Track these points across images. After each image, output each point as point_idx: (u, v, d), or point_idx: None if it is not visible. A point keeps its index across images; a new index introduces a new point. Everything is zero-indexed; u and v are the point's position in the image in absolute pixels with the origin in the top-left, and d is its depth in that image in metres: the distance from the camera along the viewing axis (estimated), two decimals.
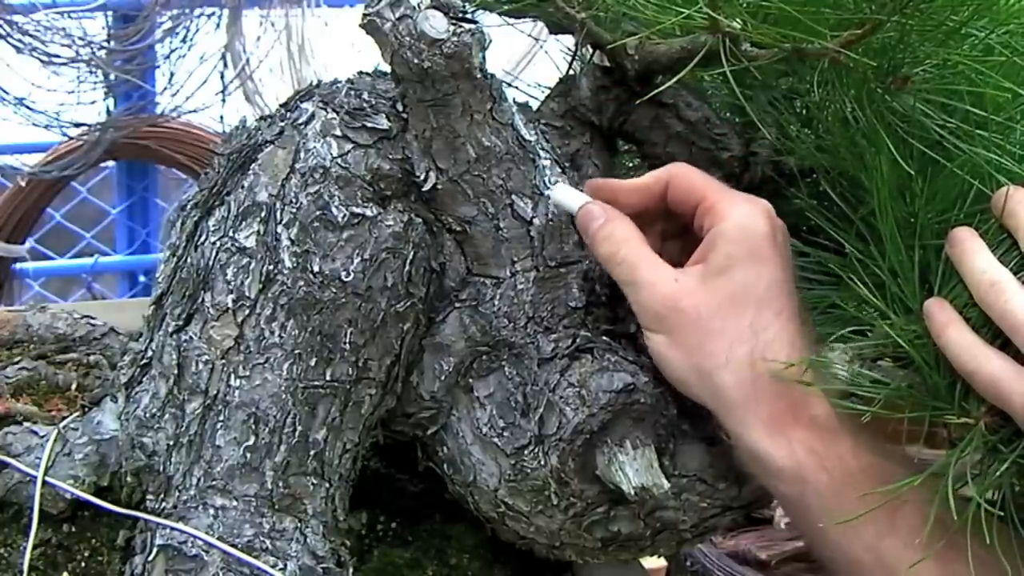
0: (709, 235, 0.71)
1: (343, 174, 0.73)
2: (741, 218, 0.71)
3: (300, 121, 0.74)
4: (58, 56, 2.00)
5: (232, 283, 0.72)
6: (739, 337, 0.69)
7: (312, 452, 0.73)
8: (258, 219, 0.73)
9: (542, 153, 0.77)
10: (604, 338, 0.75)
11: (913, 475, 0.65)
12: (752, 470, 0.72)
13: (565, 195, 0.75)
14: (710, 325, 0.69)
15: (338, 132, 0.74)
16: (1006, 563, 0.63)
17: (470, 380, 0.76)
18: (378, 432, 0.78)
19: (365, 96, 0.75)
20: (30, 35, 1.96)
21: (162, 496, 0.74)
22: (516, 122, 0.76)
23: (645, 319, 0.72)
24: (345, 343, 0.73)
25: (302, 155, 0.73)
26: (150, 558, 0.71)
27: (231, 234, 0.73)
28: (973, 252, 0.66)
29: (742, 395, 0.69)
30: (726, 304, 0.69)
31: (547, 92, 0.84)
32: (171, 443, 0.74)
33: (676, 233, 0.76)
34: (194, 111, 2.21)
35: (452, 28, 0.70)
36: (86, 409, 0.80)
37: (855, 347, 0.68)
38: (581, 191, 0.76)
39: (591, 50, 0.82)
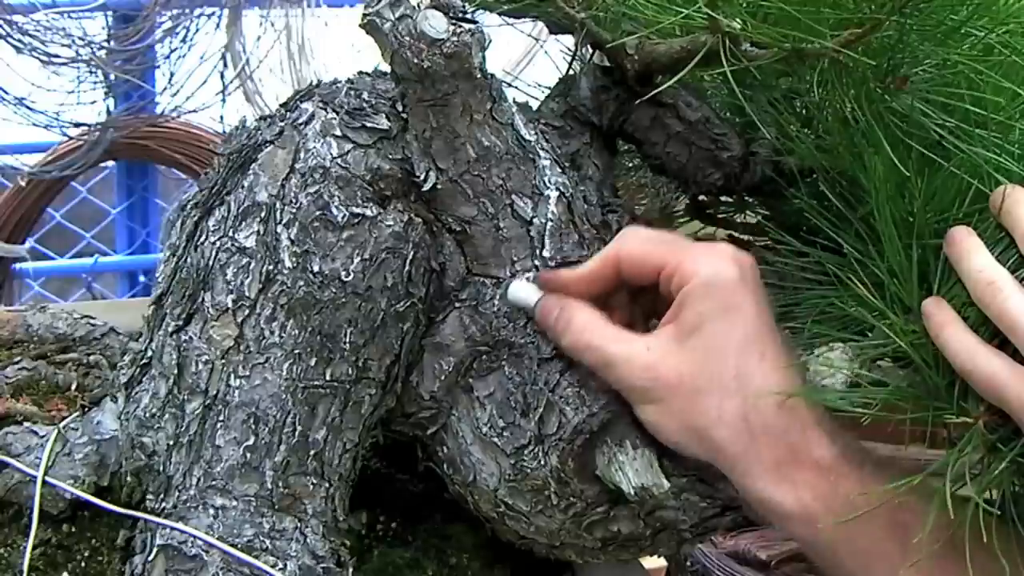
0: (679, 297, 0.70)
1: (343, 174, 0.73)
2: (707, 273, 0.69)
3: (300, 121, 0.74)
4: (58, 56, 2.00)
5: (232, 283, 0.72)
6: (726, 391, 0.68)
7: (312, 452, 0.73)
8: (258, 219, 0.73)
9: (542, 153, 0.77)
10: None
11: (921, 496, 0.64)
12: (762, 515, 0.71)
13: (521, 291, 0.74)
14: (694, 385, 0.69)
15: (338, 132, 0.74)
16: (1005, 563, 0.63)
17: (470, 380, 0.76)
18: (378, 432, 0.78)
19: (365, 96, 0.75)
20: (30, 35, 1.96)
21: (162, 496, 0.74)
22: (516, 122, 0.76)
23: (630, 396, 0.71)
24: (345, 343, 0.73)
25: (302, 155, 0.73)
26: (150, 558, 0.71)
27: (231, 234, 0.73)
28: (971, 251, 0.66)
29: (741, 448, 0.68)
30: (705, 361, 0.69)
31: (547, 92, 0.84)
32: (171, 443, 0.74)
33: (643, 290, 0.75)
34: (194, 111, 2.21)
35: (452, 28, 0.70)
36: (86, 409, 0.80)
37: (855, 347, 0.68)
38: (535, 284, 0.74)
39: (591, 50, 0.82)
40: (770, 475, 0.68)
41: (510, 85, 0.80)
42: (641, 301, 0.76)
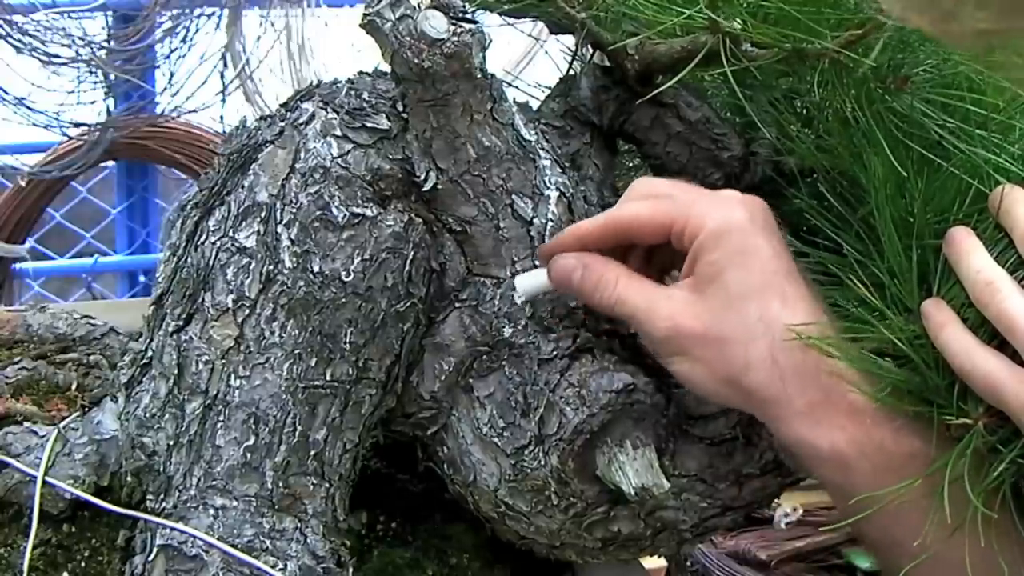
0: (692, 250, 0.70)
1: (343, 174, 0.73)
2: (716, 221, 0.69)
3: (300, 121, 0.74)
4: (58, 56, 2.00)
5: (232, 283, 0.73)
6: (751, 336, 0.67)
7: (312, 452, 0.73)
8: (258, 219, 0.73)
9: (542, 153, 0.77)
10: (604, 338, 0.75)
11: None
12: (797, 460, 0.71)
13: (527, 279, 0.74)
14: (719, 334, 0.68)
15: (338, 132, 0.74)
16: (1004, 564, 0.63)
17: (470, 380, 0.76)
18: (378, 432, 0.78)
19: (365, 96, 0.75)
20: (30, 35, 1.96)
21: (162, 496, 0.74)
22: (516, 122, 0.76)
23: (657, 348, 0.71)
24: (345, 343, 0.73)
25: (302, 155, 0.73)
26: (150, 558, 0.71)
27: (231, 234, 0.73)
28: (969, 252, 0.65)
29: (773, 392, 0.67)
30: (726, 308, 0.68)
31: (547, 92, 0.84)
32: (171, 443, 0.74)
33: (658, 245, 0.74)
34: (194, 111, 2.21)
35: (452, 28, 0.70)
36: (86, 409, 0.80)
37: (856, 347, 0.68)
38: (536, 267, 0.74)
39: (591, 50, 0.82)
40: (804, 418, 0.67)
41: (510, 85, 0.80)
42: (657, 256, 0.75)
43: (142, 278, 2.63)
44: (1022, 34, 0.49)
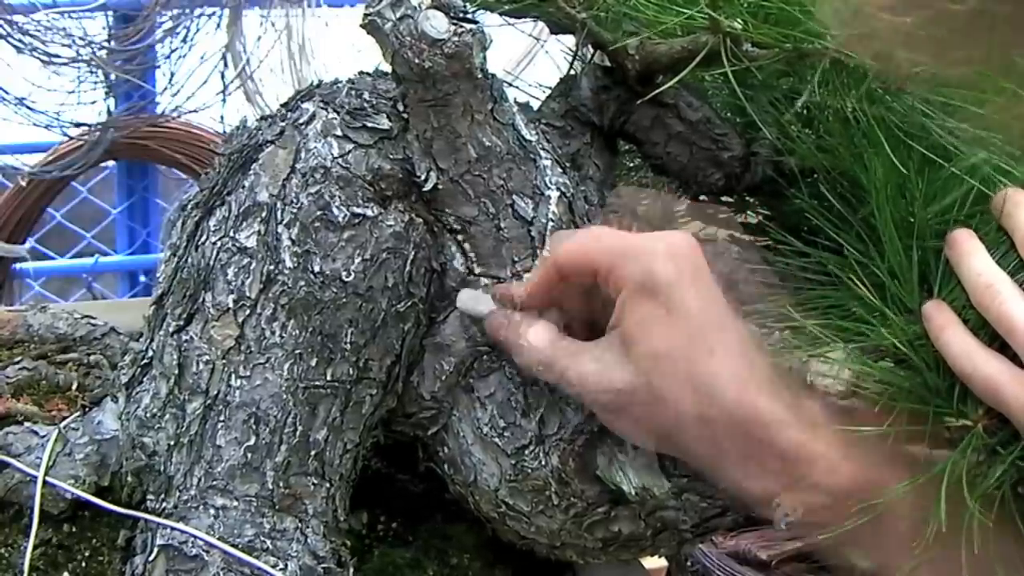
0: (618, 302, 0.68)
1: (344, 174, 0.73)
2: (640, 277, 0.67)
3: (301, 121, 0.74)
4: (58, 56, 2.00)
5: (233, 283, 0.73)
6: (680, 394, 0.67)
7: (313, 452, 0.73)
8: (259, 219, 0.73)
9: (543, 153, 0.77)
10: None
11: (910, 476, 0.64)
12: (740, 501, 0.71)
13: (471, 301, 0.74)
14: (649, 393, 0.67)
15: (339, 132, 0.74)
16: (1002, 569, 0.63)
17: (471, 380, 0.76)
18: (379, 432, 0.78)
19: (366, 96, 0.75)
20: (30, 35, 1.95)
21: (163, 496, 0.74)
22: (517, 122, 0.76)
23: (593, 408, 0.71)
24: (346, 343, 0.73)
25: (303, 155, 0.73)
26: (151, 558, 0.71)
27: (232, 234, 0.73)
28: (971, 254, 0.65)
29: (705, 449, 0.67)
30: (654, 368, 0.67)
31: (547, 92, 0.84)
32: (172, 443, 0.74)
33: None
34: (194, 111, 2.21)
35: (453, 28, 0.70)
36: (86, 409, 0.80)
37: (856, 347, 0.68)
38: (486, 294, 0.74)
39: (592, 50, 0.82)
40: (738, 468, 0.67)
41: (511, 85, 0.80)
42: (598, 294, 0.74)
43: (142, 278, 2.63)
44: (965, 77, 0.49)
